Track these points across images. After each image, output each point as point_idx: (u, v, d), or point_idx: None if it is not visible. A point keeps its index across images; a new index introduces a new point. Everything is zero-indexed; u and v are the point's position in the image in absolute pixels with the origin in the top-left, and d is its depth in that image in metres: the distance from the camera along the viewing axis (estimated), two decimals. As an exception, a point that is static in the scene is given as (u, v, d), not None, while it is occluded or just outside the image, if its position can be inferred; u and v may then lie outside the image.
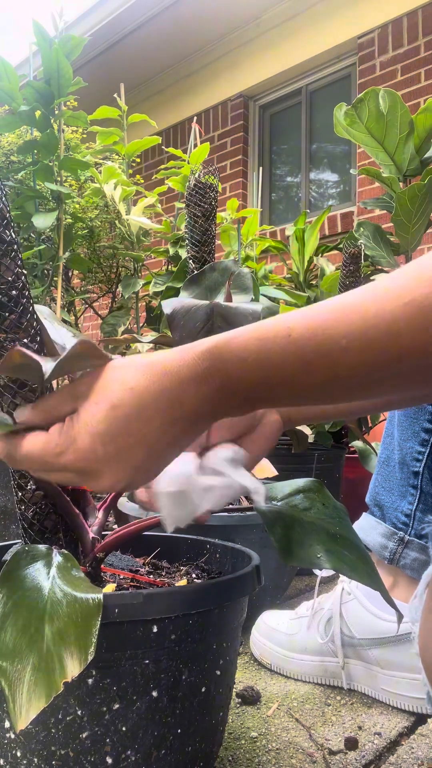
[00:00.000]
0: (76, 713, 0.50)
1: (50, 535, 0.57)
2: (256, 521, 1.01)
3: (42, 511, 0.57)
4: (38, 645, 0.42)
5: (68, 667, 0.42)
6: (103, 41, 4.00)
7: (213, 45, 4.11)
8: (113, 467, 0.43)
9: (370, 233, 2.04)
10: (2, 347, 0.53)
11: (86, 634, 0.43)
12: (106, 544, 0.59)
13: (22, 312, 0.54)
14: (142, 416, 0.42)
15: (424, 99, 3.08)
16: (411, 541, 0.85)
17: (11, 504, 1.40)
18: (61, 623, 0.44)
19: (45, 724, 0.49)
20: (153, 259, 2.02)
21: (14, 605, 0.45)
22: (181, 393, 0.41)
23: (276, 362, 0.40)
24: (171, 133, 4.46)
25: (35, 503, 0.57)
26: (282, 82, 3.97)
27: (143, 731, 0.52)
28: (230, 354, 0.41)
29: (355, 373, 0.39)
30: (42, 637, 0.43)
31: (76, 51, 1.55)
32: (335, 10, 3.55)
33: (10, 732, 0.50)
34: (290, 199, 4.10)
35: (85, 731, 0.50)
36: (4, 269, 0.53)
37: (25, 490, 0.57)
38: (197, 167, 1.82)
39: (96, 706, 0.50)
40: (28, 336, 0.54)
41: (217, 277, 0.90)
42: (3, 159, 1.80)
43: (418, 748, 0.70)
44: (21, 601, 0.45)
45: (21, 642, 0.42)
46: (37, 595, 0.46)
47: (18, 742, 0.50)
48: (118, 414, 0.42)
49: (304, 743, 0.71)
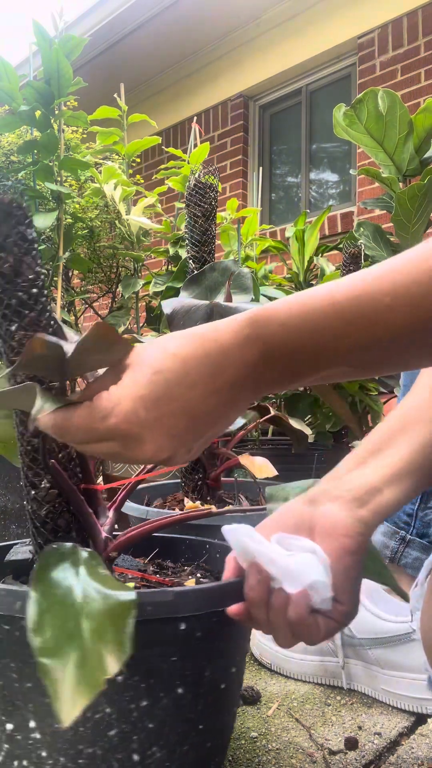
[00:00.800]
0: (104, 711, 0.50)
1: (63, 533, 0.57)
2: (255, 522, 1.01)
3: (56, 510, 0.57)
4: (77, 643, 0.42)
5: (108, 664, 0.42)
6: (103, 41, 4.00)
7: (213, 45, 4.11)
8: (155, 433, 0.42)
9: (370, 233, 2.04)
10: (21, 345, 0.54)
11: (122, 632, 0.43)
12: (119, 544, 0.59)
13: (41, 310, 0.54)
14: (185, 382, 0.42)
15: (424, 99, 3.08)
16: (413, 541, 0.85)
17: (11, 504, 1.40)
18: (97, 621, 0.44)
19: (74, 724, 0.49)
20: (153, 259, 2.02)
21: (51, 604, 0.45)
22: (224, 359, 0.42)
23: (318, 325, 0.40)
24: (171, 133, 4.46)
25: (49, 501, 0.57)
26: (282, 82, 3.97)
27: (169, 727, 0.53)
28: (272, 319, 0.41)
29: (398, 333, 0.39)
30: (81, 635, 0.43)
31: (76, 51, 1.55)
32: (335, 10, 3.55)
33: (36, 732, 0.50)
34: (290, 199, 4.10)
35: (113, 729, 0.50)
36: (25, 267, 0.54)
37: (39, 488, 0.56)
38: (197, 167, 1.82)
39: (125, 704, 0.51)
40: (47, 334, 0.54)
41: (217, 277, 0.90)
42: (3, 159, 1.80)
43: (418, 748, 0.70)
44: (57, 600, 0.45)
45: (61, 640, 0.43)
46: (71, 594, 0.46)
47: (44, 742, 0.50)
48: (161, 378, 0.42)
49: (304, 743, 0.71)
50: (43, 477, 0.57)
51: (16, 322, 0.54)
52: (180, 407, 0.42)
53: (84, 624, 0.44)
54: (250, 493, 1.23)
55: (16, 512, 1.41)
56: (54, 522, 0.57)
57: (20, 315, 0.54)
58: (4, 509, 1.41)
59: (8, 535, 1.41)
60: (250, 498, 1.19)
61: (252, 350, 0.42)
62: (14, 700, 0.50)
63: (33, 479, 0.57)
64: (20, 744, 0.51)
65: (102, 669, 0.41)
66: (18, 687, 0.50)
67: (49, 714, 0.49)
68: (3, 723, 0.51)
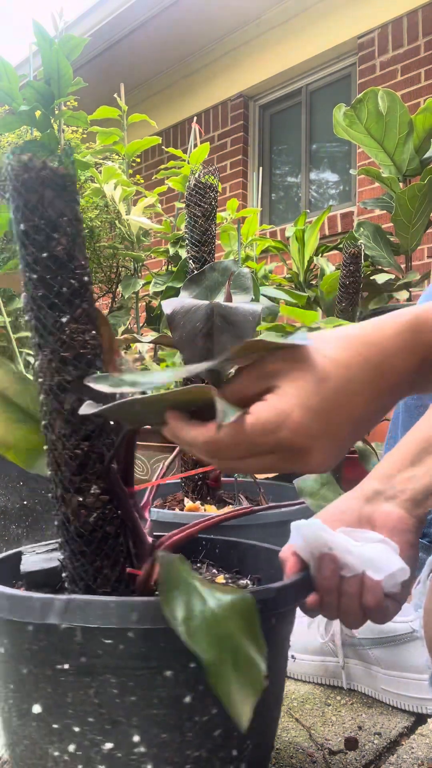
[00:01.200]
0: (211, 712, 0.49)
1: (113, 540, 0.54)
2: (253, 522, 1.01)
3: (105, 516, 0.53)
4: (228, 646, 0.42)
5: (260, 663, 0.42)
6: (103, 41, 4.00)
7: (213, 45, 4.11)
8: (323, 444, 0.41)
9: (370, 233, 2.04)
10: (72, 339, 0.49)
11: (256, 631, 0.44)
12: (166, 547, 0.58)
13: (91, 301, 0.50)
14: (350, 389, 0.41)
15: (424, 99, 3.08)
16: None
17: (11, 504, 1.40)
18: (235, 624, 0.44)
19: (180, 730, 0.49)
20: (153, 259, 2.02)
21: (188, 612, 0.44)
22: (385, 365, 0.41)
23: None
24: (171, 133, 4.46)
25: (98, 508, 0.53)
26: (282, 82, 3.97)
27: (257, 719, 0.53)
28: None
29: None
30: (230, 639, 0.43)
31: (76, 51, 1.55)
32: (335, 10, 3.55)
33: (140, 746, 0.48)
34: (290, 199, 4.10)
35: (218, 729, 0.50)
36: (77, 250, 0.49)
37: (88, 493, 0.52)
38: (197, 167, 1.82)
39: None
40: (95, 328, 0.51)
41: (217, 277, 0.90)
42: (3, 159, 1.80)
43: (418, 748, 0.70)
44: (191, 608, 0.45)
45: (214, 647, 0.42)
46: (201, 601, 0.45)
47: (149, 754, 0.48)
48: (328, 387, 0.41)
49: (304, 743, 0.71)
50: (93, 482, 0.52)
51: (67, 314, 0.49)
52: (346, 415, 0.41)
53: (228, 628, 0.43)
54: (250, 493, 1.23)
55: (16, 512, 1.41)
56: (103, 529, 0.53)
57: (71, 305, 0.49)
58: (4, 509, 1.41)
59: (8, 535, 1.41)
60: (250, 498, 1.19)
61: (413, 357, 0.41)
62: (114, 717, 0.48)
63: (80, 485, 0.52)
64: (120, 761, 0.48)
65: (257, 669, 0.42)
66: (119, 702, 0.47)
67: (156, 725, 0.48)
68: (99, 744, 0.48)
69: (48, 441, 0.53)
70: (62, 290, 0.48)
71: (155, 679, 0.48)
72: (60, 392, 0.50)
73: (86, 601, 0.47)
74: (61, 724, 0.48)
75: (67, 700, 0.48)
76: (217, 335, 0.63)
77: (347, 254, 1.70)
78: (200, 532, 0.62)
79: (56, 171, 0.47)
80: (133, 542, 0.57)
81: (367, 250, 1.99)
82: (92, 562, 0.54)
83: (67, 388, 0.50)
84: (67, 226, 0.48)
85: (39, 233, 0.48)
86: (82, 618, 0.46)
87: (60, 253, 0.48)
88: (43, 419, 0.53)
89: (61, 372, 0.50)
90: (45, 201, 0.48)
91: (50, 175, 0.47)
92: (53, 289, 0.48)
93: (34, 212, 0.48)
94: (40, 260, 0.48)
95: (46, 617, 0.47)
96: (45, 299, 0.49)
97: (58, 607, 0.46)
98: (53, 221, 0.48)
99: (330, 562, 0.54)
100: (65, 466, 0.52)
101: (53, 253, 0.48)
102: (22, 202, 0.48)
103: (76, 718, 0.48)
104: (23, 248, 0.49)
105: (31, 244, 0.48)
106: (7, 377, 0.59)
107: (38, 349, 0.50)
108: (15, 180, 0.48)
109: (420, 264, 3.04)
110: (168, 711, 0.48)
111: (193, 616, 0.43)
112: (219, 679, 0.40)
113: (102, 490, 0.53)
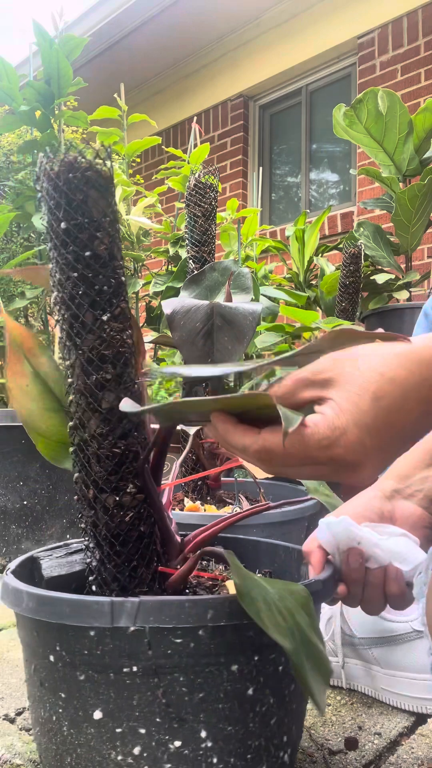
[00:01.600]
0: (269, 702, 0.51)
1: (147, 539, 0.54)
2: (255, 522, 1.01)
3: (141, 515, 0.53)
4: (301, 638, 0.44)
5: (326, 657, 0.44)
6: (103, 41, 3.99)
7: (213, 45, 4.11)
8: (374, 460, 0.42)
9: (370, 233, 2.04)
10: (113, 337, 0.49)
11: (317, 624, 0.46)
12: (194, 545, 0.58)
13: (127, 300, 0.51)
14: (404, 408, 0.41)
15: (423, 99, 3.08)
16: (412, 541, 0.85)
17: (11, 504, 1.40)
18: (300, 615, 0.45)
19: (244, 722, 0.50)
20: (153, 259, 2.02)
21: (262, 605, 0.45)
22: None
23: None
24: (171, 133, 4.46)
25: (134, 507, 0.52)
26: (282, 82, 3.97)
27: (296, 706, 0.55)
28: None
29: None
30: (300, 630, 0.44)
31: (76, 51, 1.55)
32: (335, 10, 3.55)
33: (207, 741, 0.49)
34: (290, 199, 4.10)
35: (274, 717, 0.52)
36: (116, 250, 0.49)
37: (125, 492, 0.52)
38: (197, 167, 1.82)
39: (281, 690, 0.52)
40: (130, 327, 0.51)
41: (217, 277, 0.90)
42: (3, 159, 1.80)
43: (418, 748, 0.70)
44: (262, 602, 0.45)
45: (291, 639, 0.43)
46: (268, 595, 0.46)
47: (215, 748, 0.49)
48: (382, 405, 0.41)
49: (304, 743, 0.71)
50: (129, 481, 0.52)
51: (108, 312, 0.49)
52: (397, 433, 0.42)
53: (297, 620, 0.45)
54: (250, 493, 1.23)
55: (16, 512, 1.41)
56: (138, 528, 0.53)
57: (111, 304, 0.49)
58: (4, 509, 1.41)
59: (8, 535, 1.41)
60: (250, 497, 1.19)
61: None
62: (182, 716, 0.48)
63: (117, 484, 0.52)
64: (188, 758, 0.48)
65: (326, 662, 0.43)
66: (188, 700, 0.48)
67: (223, 719, 0.49)
68: (166, 743, 0.48)
69: (78, 440, 0.52)
70: (104, 288, 0.48)
71: (222, 674, 0.48)
72: (98, 390, 0.50)
73: (161, 601, 0.46)
74: (125, 728, 0.48)
75: (133, 702, 0.48)
76: (217, 335, 0.63)
77: (347, 254, 1.70)
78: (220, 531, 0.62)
79: (100, 172, 0.48)
80: (161, 541, 0.56)
81: (367, 250, 1.99)
82: (128, 562, 0.53)
83: (105, 387, 0.50)
84: (109, 226, 0.48)
85: (83, 232, 0.48)
86: (156, 619, 0.46)
87: (102, 252, 0.48)
88: (72, 419, 0.52)
89: (100, 370, 0.50)
90: (89, 200, 0.48)
91: (95, 176, 0.48)
92: (95, 287, 0.48)
93: (77, 211, 0.48)
94: (82, 258, 0.49)
95: (117, 620, 0.46)
96: (86, 297, 0.49)
97: (130, 609, 0.46)
98: (97, 221, 0.48)
99: (358, 555, 0.60)
100: (100, 465, 0.51)
101: (96, 251, 0.48)
102: (65, 200, 0.48)
103: (143, 720, 0.48)
104: (63, 246, 0.49)
105: (73, 243, 0.48)
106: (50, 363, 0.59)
107: (73, 348, 0.50)
108: (57, 178, 0.48)
109: (420, 264, 3.04)
110: (232, 704, 0.49)
111: (271, 610, 0.44)
112: (301, 668, 0.41)
113: (137, 489, 0.53)
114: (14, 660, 0.91)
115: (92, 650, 0.47)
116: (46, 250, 1.80)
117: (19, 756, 0.65)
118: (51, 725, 0.51)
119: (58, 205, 0.48)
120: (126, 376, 0.51)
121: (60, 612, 0.47)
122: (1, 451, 1.40)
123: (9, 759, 0.65)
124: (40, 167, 0.48)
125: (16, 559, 0.61)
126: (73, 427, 0.52)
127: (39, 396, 0.58)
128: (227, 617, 0.47)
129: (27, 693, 0.57)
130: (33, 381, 0.58)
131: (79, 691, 0.49)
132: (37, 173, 0.49)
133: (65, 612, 0.47)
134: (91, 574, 0.55)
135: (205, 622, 0.46)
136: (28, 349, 0.57)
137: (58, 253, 0.49)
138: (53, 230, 0.49)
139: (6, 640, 0.98)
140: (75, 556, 0.63)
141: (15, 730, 0.71)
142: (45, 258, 1.71)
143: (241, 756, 0.50)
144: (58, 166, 0.47)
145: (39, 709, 0.53)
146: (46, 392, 0.58)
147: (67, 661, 0.49)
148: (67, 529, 1.45)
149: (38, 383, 0.58)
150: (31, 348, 0.58)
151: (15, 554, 1.40)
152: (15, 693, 0.80)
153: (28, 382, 0.57)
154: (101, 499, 0.52)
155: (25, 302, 1.69)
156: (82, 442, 0.52)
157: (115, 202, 0.49)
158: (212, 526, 0.61)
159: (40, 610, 0.49)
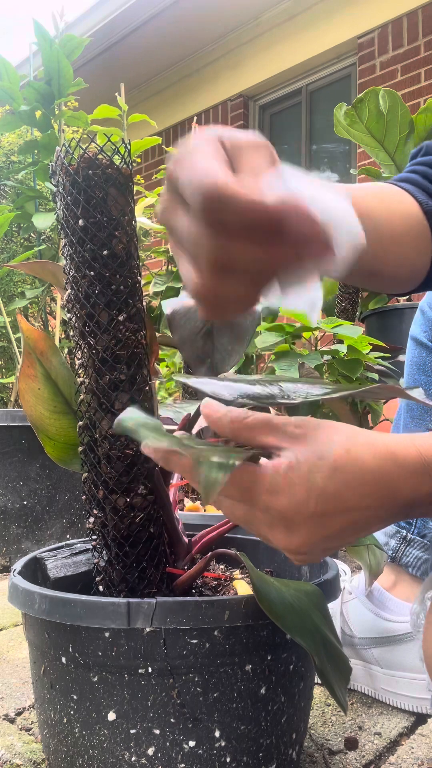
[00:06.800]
0: (280, 701, 0.51)
1: (156, 540, 0.54)
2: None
3: (151, 516, 0.53)
4: (320, 637, 0.44)
5: (346, 657, 0.44)
6: (103, 41, 3.99)
7: (213, 45, 4.11)
8: (310, 528, 0.41)
9: (370, 233, 2.04)
10: (128, 338, 0.48)
11: (332, 623, 0.46)
12: (202, 546, 0.58)
13: (142, 301, 0.50)
14: (358, 491, 0.41)
15: (424, 99, 3.08)
16: (413, 540, 0.85)
17: (11, 504, 1.40)
18: (315, 615, 0.45)
19: (257, 720, 0.50)
20: (153, 259, 2.02)
21: (279, 606, 0.45)
22: (402, 484, 0.41)
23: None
24: (171, 133, 4.46)
25: (145, 508, 0.52)
26: (282, 82, 3.97)
27: (304, 703, 0.56)
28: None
29: None
30: (317, 629, 0.44)
31: (77, 51, 1.55)
32: (335, 10, 3.55)
33: (221, 740, 0.49)
34: (290, 199, 4.10)
35: (284, 715, 0.52)
36: (133, 249, 0.48)
37: (136, 494, 0.51)
38: (197, 167, 1.82)
39: (291, 689, 0.52)
40: (145, 328, 0.50)
41: (218, 277, 0.89)
42: (3, 159, 1.80)
43: (418, 748, 0.70)
44: (279, 602, 0.46)
45: (308, 635, 0.43)
46: (283, 596, 0.46)
47: (229, 747, 0.49)
48: (339, 478, 0.40)
49: (304, 743, 0.71)
50: (140, 482, 0.51)
51: (124, 312, 0.48)
52: (343, 511, 0.41)
53: (313, 620, 0.45)
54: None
55: (16, 512, 1.41)
56: (148, 529, 0.53)
57: (128, 304, 0.48)
58: (4, 509, 1.41)
59: (8, 535, 1.41)
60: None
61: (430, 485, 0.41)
62: (196, 716, 0.48)
63: (129, 485, 0.51)
64: (202, 758, 0.49)
65: (346, 661, 0.44)
66: (202, 701, 0.48)
67: (237, 718, 0.49)
68: (181, 743, 0.48)
69: (88, 440, 0.52)
70: (120, 288, 0.48)
71: (236, 674, 0.48)
72: (111, 391, 0.50)
73: (178, 602, 0.46)
74: (139, 729, 0.48)
75: (147, 703, 0.48)
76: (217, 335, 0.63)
77: (347, 254, 1.69)
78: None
79: (121, 170, 0.47)
80: (169, 542, 0.56)
81: (368, 250, 1.98)
82: (137, 564, 0.53)
83: (119, 387, 0.49)
84: (128, 225, 0.47)
85: (101, 230, 0.47)
86: (173, 620, 0.46)
87: (120, 252, 0.47)
88: (82, 419, 0.51)
89: (114, 371, 0.49)
90: (109, 198, 0.47)
91: (115, 174, 0.47)
92: (111, 286, 0.47)
93: (96, 209, 0.47)
94: (99, 257, 0.48)
95: (134, 621, 0.46)
96: (102, 296, 0.48)
97: (147, 610, 0.46)
98: (116, 219, 0.47)
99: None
100: (111, 466, 0.51)
101: (114, 250, 0.47)
102: (84, 197, 0.47)
103: (157, 720, 0.48)
104: (80, 244, 0.48)
105: (91, 241, 0.47)
106: (60, 365, 0.59)
107: (86, 348, 0.49)
108: (76, 174, 0.47)
109: (420, 264, 3.04)
110: (246, 704, 0.49)
111: (289, 610, 0.44)
112: (324, 669, 0.42)
113: (148, 490, 0.52)
114: (14, 660, 0.91)
115: (106, 651, 0.47)
116: (46, 250, 1.80)
117: (19, 756, 0.65)
118: (62, 727, 0.51)
119: (75, 202, 0.47)
120: (140, 376, 0.51)
121: (74, 613, 0.47)
122: (1, 451, 1.40)
123: (9, 759, 0.65)
124: (57, 161, 0.47)
125: (21, 560, 0.61)
126: (84, 427, 0.52)
127: (49, 398, 0.58)
128: (243, 618, 0.47)
129: (34, 695, 0.57)
130: (44, 383, 0.58)
131: (92, 693, 0.49)
132: (53, 167, 0.47)
133: (80, 613, 0.47)
134: (98, 575, 0.55)
135: (221, 623, 0.46)
136: (40, 352, 0.57)
137: (74, 250, 0.48)
138: (69, 227, 0.48)
139: (6, 640, 0.98)
140: (80, 557, 0.62)
141: (15, 730, 0.71)
142: (45, 258, 1.71)
143: (254, 754, 0.50)
144: (78, 162, 0.47)
145: (49, 711, 0.53)
146: (56, 394, 0.58)
147: (79, 663, 0.49)
148: (67, 529, 1.45)
149: (49, 385, 0.58)
150: (44, 351, 0.57)
151: (15, 554, 1.41)
152: (15, 693, 0.80)
153: (40, 385, 0.57)
154: (111, 500, 0.52)
155: (25, 302, 1.69)
156: (92, 443, 0.52)
157: (134, 200, 0.49)
158: (218, 527, 0.61)
159: (54, 611, 0.48)
